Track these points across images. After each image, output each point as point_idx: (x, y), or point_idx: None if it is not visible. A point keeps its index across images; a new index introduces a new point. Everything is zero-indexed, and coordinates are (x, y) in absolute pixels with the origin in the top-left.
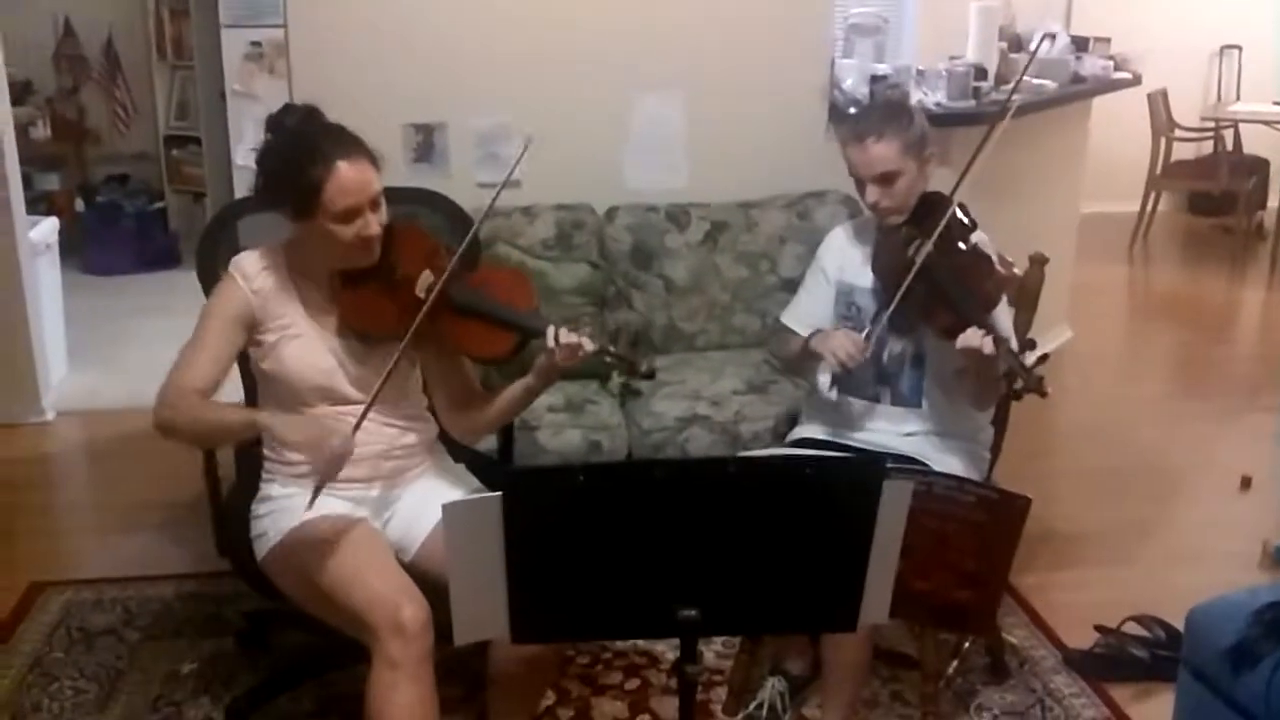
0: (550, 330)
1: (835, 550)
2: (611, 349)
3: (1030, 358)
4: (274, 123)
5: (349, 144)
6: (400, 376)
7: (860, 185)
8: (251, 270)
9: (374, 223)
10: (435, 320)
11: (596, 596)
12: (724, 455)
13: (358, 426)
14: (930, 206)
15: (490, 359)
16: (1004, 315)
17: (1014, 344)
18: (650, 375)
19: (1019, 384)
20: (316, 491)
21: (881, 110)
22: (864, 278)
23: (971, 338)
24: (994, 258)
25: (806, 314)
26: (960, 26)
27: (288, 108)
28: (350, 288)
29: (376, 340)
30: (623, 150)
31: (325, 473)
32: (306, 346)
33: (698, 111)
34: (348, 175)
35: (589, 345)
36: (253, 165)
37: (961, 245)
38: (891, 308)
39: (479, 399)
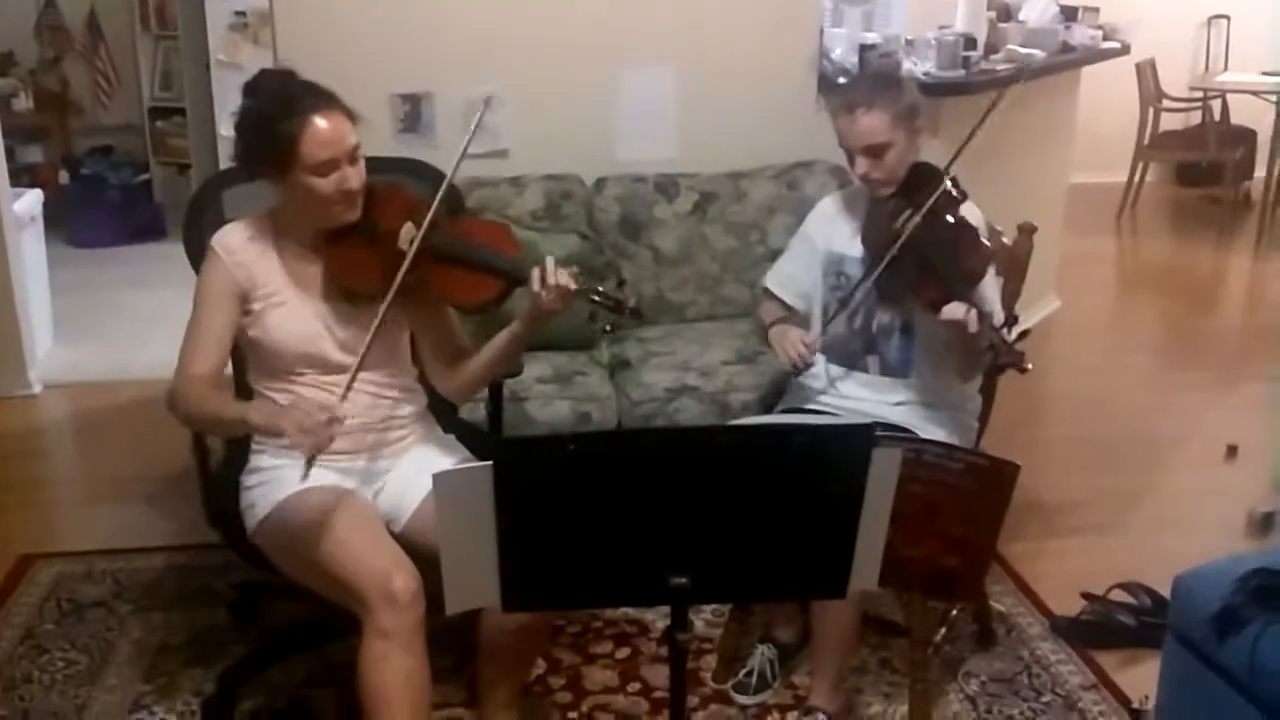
0: (535, 272)
1: (825, 517)
2: (599, 288)
3: (1012, 333)
4: (250, 87)
5: (323, 98)
6: (389, 340)
7: (850, 156)
8: (233, 243)
9: (353, 176)
10: (419, 270)
11: (587, 565)
12: (713, 424)
13: (347, 391)
14: (921, 178)
15: (476, 306)
16: (991, 287)
17: (998, 318)
18: (638, 314)
19: (1000, 359)
20: (309, 465)
21: (871, 81)
22: (854, 248)
23: (955, 311)
24: (982, 230)
25: (788, 277)
26: None
27: (264, 72)
28: (334, 246)
29: (362, 298)
30: (612, 121)
31: (318, 445)
32: (292, 313)
33: (687, 82)
34: (323, 128)
35: (574, 284)
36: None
37: (949, 218)
38: (870, 281)
39: (466, 354)
